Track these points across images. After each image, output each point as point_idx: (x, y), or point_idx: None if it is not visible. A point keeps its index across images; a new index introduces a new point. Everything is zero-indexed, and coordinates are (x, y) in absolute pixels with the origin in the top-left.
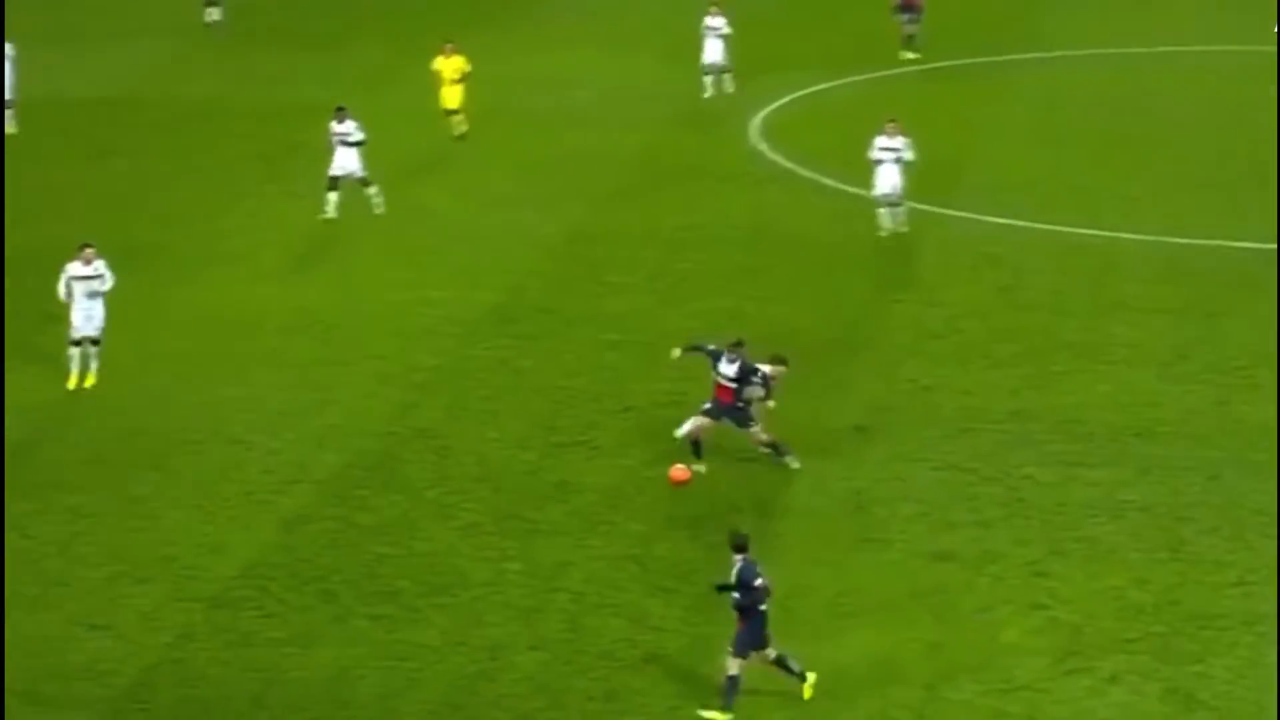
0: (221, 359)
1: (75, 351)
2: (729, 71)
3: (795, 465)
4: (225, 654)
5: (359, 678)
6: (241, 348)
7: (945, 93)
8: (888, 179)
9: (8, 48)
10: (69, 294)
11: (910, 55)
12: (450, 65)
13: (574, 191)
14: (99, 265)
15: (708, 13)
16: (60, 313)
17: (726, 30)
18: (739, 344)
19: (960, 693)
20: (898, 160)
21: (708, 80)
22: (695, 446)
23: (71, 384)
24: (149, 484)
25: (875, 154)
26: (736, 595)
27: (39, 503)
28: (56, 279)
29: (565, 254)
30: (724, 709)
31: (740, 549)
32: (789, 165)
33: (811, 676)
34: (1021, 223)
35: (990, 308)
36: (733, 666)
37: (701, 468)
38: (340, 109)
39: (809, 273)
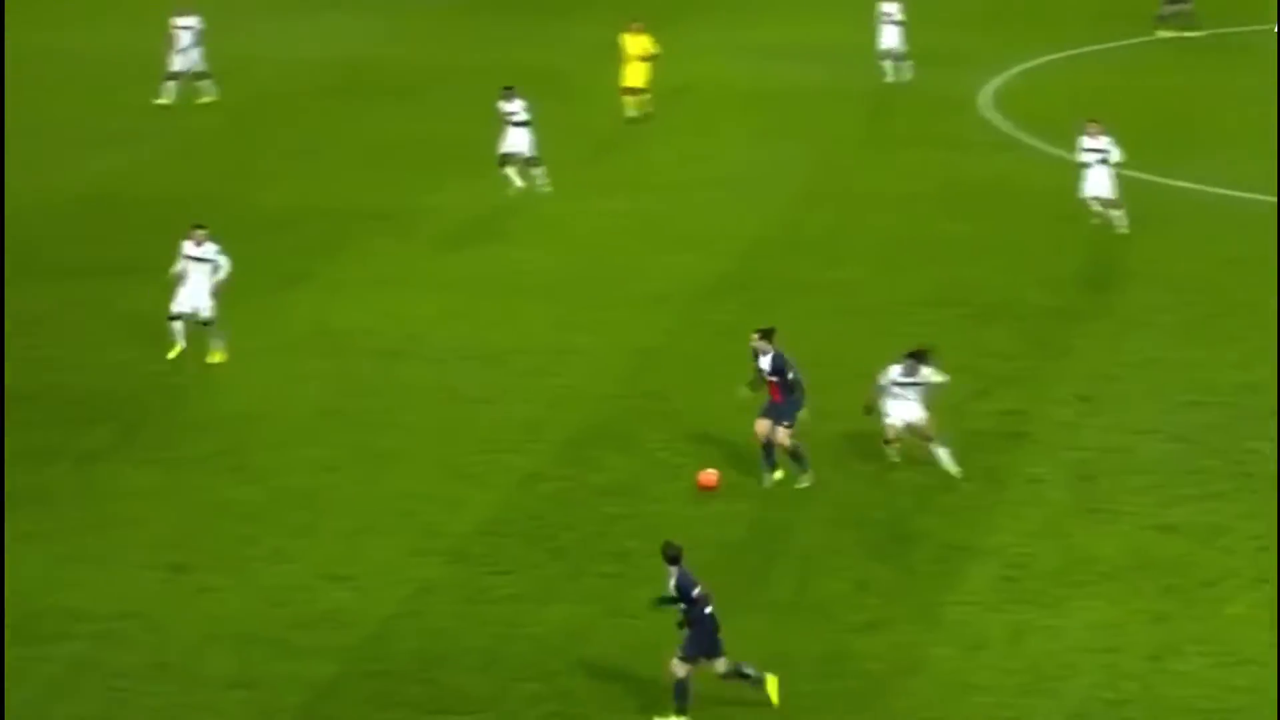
0: (457, 318)
1: (174, 325)
2: (907, 59)
3: (805, 484)
4: (462, 608)
5: (591, 635)
6: (477, 307)
7: (1184, 62)
8: (1097, 182)
9: (194, 20)
10: (183, 269)
11: (1167, 34)
12: (637, 43)
13: (801, 158)
14: (209, 249)
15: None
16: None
17: (901, 17)
18: (767, 332)
19: (1186, 664)
20: (1103, 161)
21: (887, 65)
22: (793, 455)
23: (171, 354)
24: (390, 439)
25: (1081, 156)
26: (683, 607)
27: (283, 455)
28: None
29: (794, 221)
30: (678, 712)
31: (673, 560)
32: (1020, 135)
33: (772, 678)
34: (1250, 194)
35: (1218, 280)
36: (679, 669)
37: (778, 474)
38: (508, 88)
39: (1035, 242)
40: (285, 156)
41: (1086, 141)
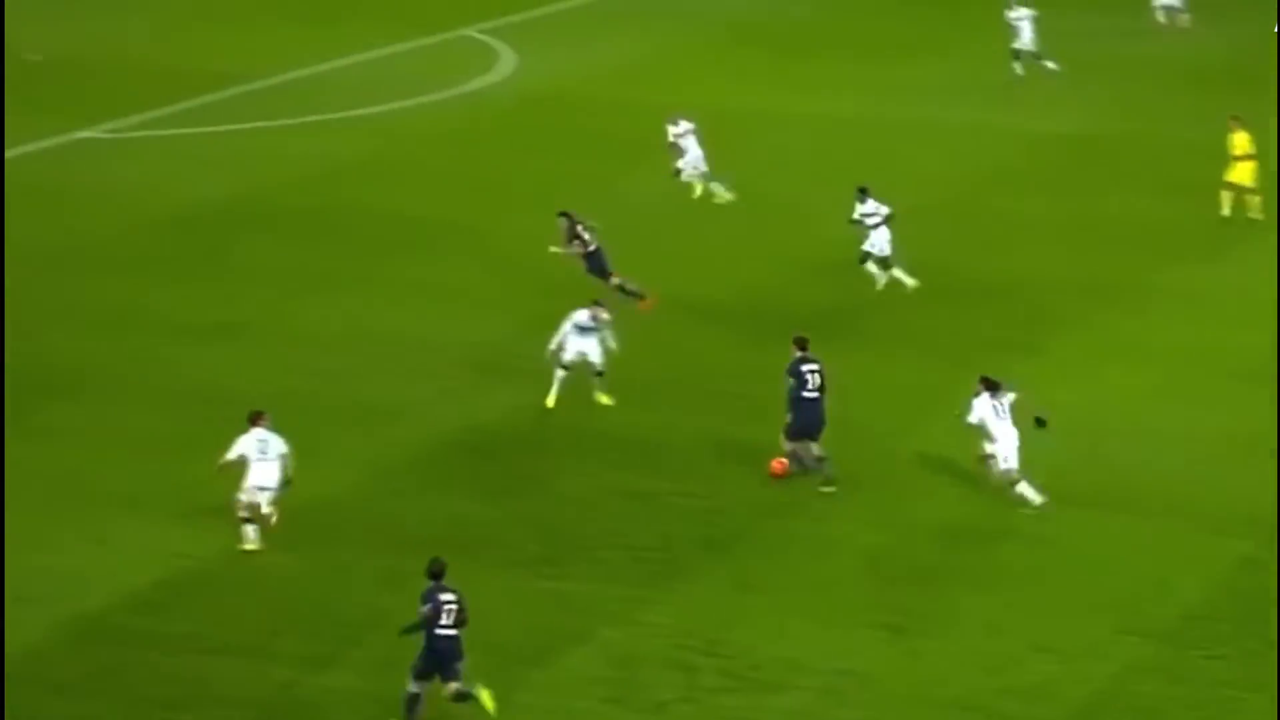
0: (1169, 397)
1: (563, 374)
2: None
3: (829, 489)
4: (1169, 690)
5: None
6: (1190, 387)
7: None
8: None
9: (1027, 11)
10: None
11: None
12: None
13: None
14: (603, 319)
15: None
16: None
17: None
18: (803, 343)
19: None
20: None
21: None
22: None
23: (549, 402)
24: (1098, 515)
25: None
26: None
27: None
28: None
29: None
30: None
31: (434, 575)
32: None
33: (485, 693)
34: None
35: None
36: (411, 685)
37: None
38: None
39: None
40: (1014, 227)
41: None
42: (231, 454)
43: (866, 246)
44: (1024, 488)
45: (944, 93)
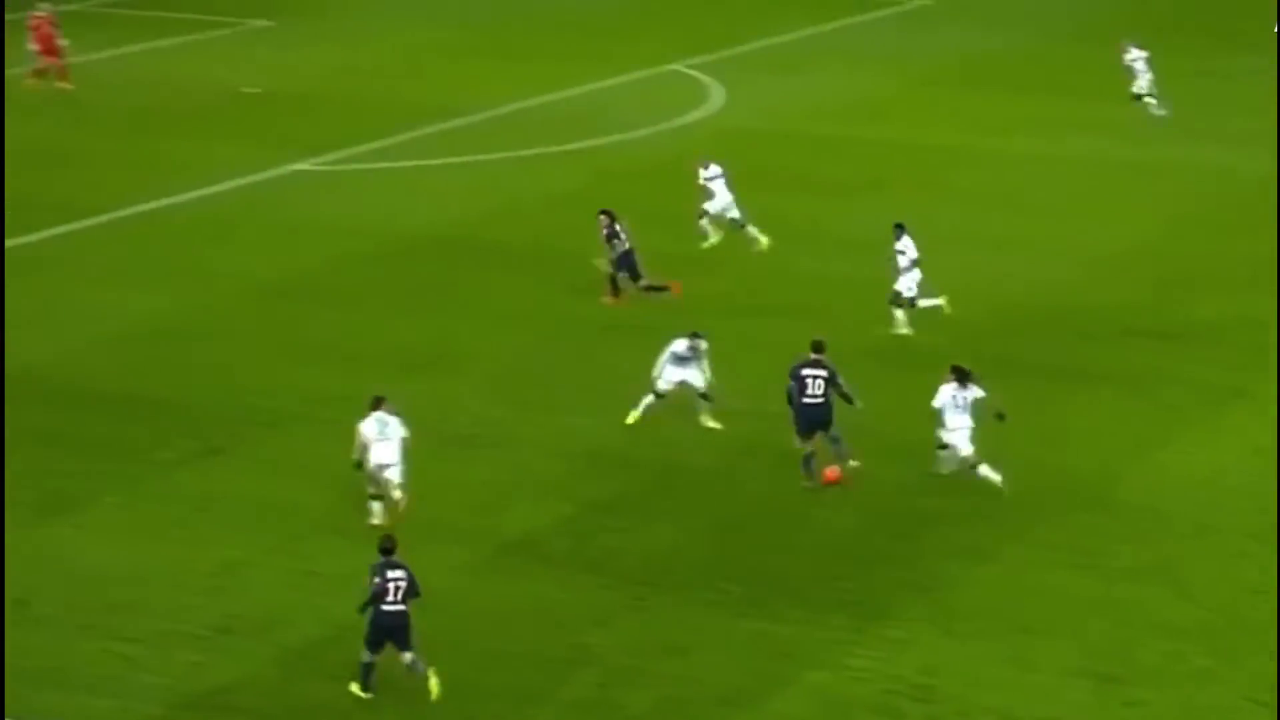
0: None
1: (654, 400)
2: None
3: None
4: None
5: None
6: None
7: None
8: None
9: (1140, 53)
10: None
11: None
12: None
13: None
14: (701, 348)
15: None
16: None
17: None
18: (818, 346)
19: None
20: None
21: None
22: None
23: (629, 419)
24: None
25: None
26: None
27: (1220, 571)
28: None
29: None
30: (362, 688)
31: (383, 551)
32: None
33: (433, 679)
34: None
35: None
36: (364, 654)
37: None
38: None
39: None
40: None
41: None
42: (358, 440)
43: (897, 287)
44: (984, 470)
45: (1152, 131)
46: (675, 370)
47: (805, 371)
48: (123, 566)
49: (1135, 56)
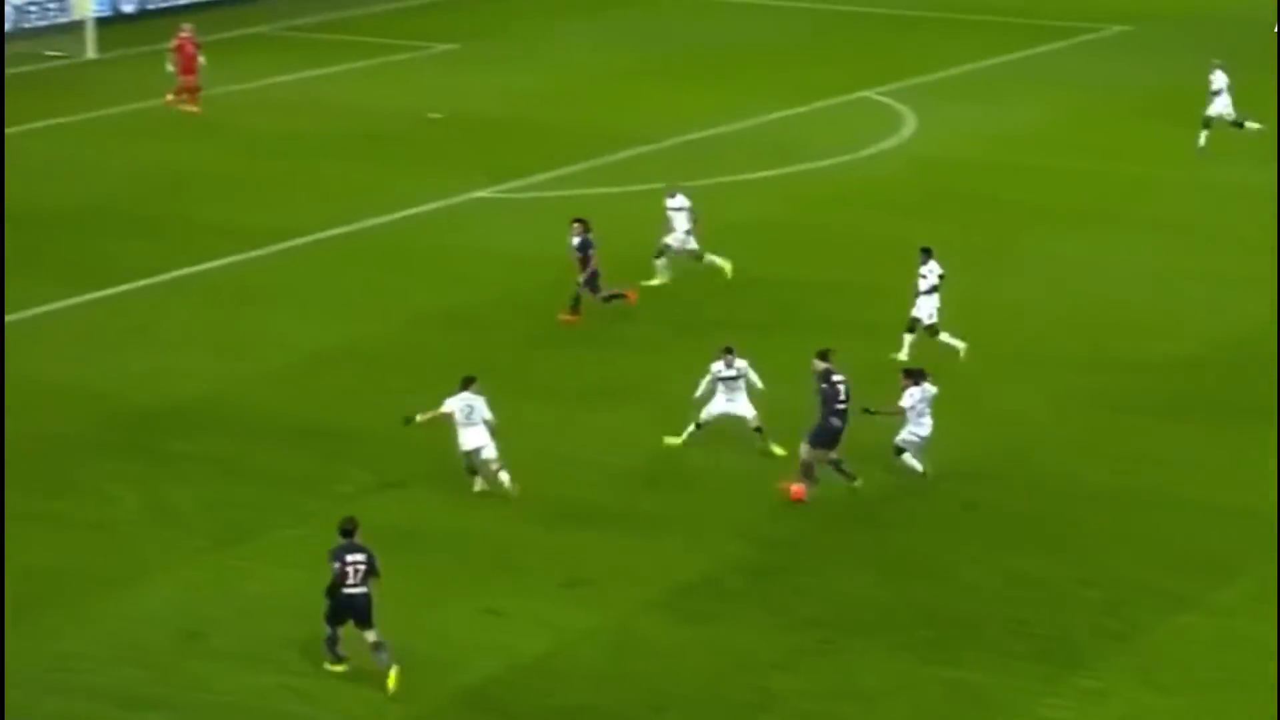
0: None
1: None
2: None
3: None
4: None
5: None
6: None
7: None
8: None
9: (1223, 76)
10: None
11: None
12: None
13: None
14: (740, 365)
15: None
16: None
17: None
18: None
19: None
20: None
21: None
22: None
23: (670, 440)
24: None
25: None
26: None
27: None
28: None
29: None
30: (333, 661)
31: (344, 533)
32: None
33: (394, 671)
34: None
35: None
36: (326, 629)
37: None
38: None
39: None
40: None
41: None
42: (439, 410)
43: (916, 313)
44: (908, 458)
45: None
46: (720, 400)
47: (836, 378)
48: (297, 600)
49: (1220, 82)
